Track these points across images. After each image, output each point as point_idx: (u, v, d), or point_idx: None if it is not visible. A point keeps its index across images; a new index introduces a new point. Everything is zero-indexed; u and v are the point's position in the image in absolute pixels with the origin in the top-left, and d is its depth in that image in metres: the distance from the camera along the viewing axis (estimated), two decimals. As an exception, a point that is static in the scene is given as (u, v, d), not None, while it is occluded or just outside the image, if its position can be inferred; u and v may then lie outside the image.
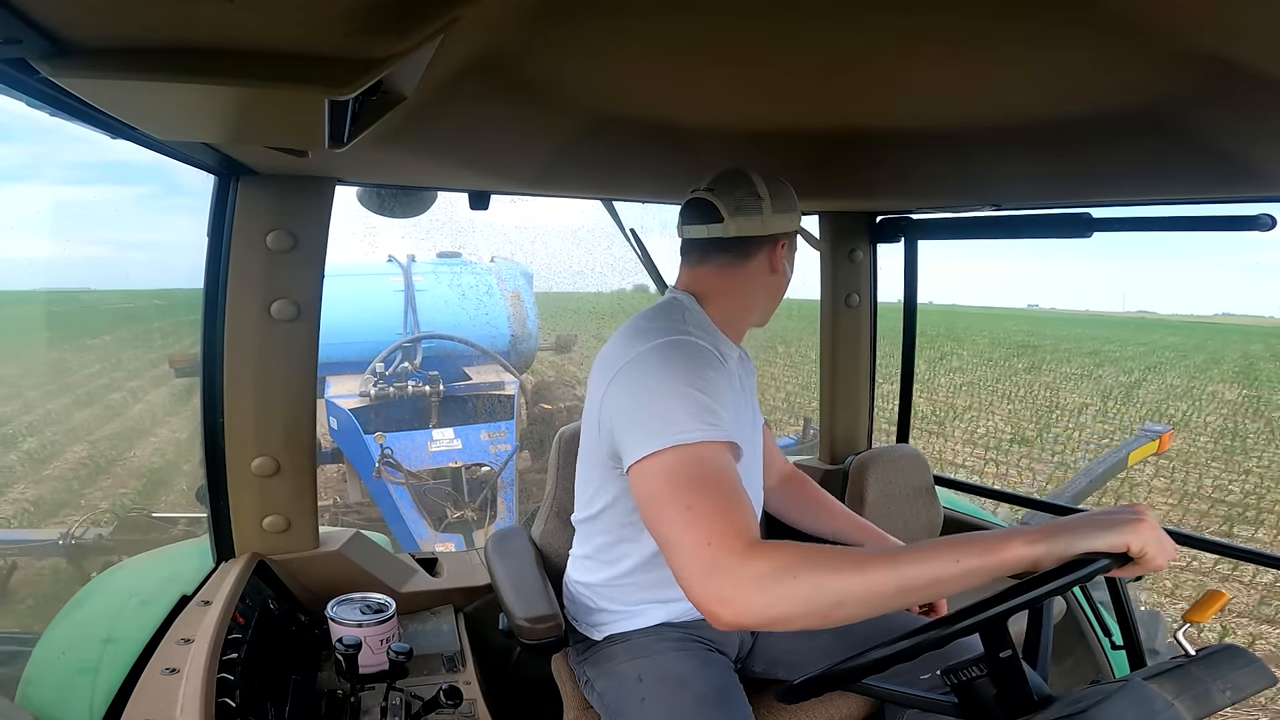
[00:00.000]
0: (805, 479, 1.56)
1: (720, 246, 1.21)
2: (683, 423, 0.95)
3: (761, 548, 0.83)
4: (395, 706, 1.21)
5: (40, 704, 1.19)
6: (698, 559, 0.84)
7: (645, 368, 1.05)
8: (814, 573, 0.80)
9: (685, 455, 0.93)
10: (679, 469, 0.92)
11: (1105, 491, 6.66)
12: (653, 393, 1.01)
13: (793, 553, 0.82)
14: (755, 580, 0.80)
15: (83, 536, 4.10)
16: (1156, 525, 0.80)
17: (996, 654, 0.85)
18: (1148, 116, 0.95)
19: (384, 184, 1.52)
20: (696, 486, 0.90)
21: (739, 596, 0.81)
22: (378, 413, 5.32)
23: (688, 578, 0.85)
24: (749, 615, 0.81)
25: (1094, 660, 1.87)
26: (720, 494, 0.89)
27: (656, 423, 0.97)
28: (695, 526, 0.86)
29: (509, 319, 7.02)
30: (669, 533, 0.89)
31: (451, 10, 0.57)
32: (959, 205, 1.80)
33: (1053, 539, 0.79)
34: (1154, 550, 0.78)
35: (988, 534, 0.82)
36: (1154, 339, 39.83)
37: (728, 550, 0.83)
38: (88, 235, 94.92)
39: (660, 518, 0.91)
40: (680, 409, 0.97)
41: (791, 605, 0.79)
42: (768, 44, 0.78)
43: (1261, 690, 0.81)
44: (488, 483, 4.97)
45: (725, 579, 0.82)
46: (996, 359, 23.07)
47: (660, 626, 1.28)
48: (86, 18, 0.52)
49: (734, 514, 0.87)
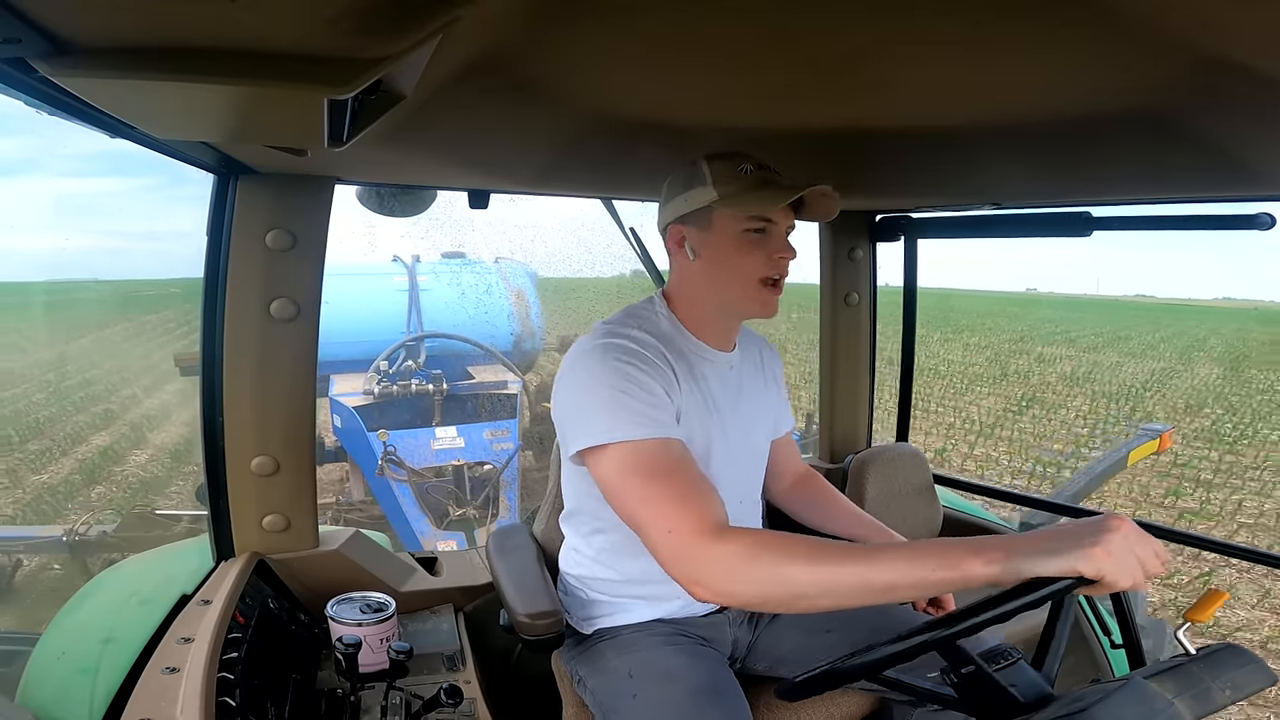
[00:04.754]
0: (817, 477, 1.56)
1: (665, 241, 1.26)
2: (609, 422, 1.02)
3: (724, 532, 0.90)
4: (395, 706, 1.21)
5: (40, 703, 1.19)
6: (664, 545, 0.92)
7: (582, 367, 1.11)
8: (772, 560, 0.85)
9: (623, 451, 1.00)
10: (623, 464, 1.00)
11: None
12: (585, 391, 1.08)
13: (754, 539, 0.88)
14: (717, 563, 0.87)
15: (86, 533, 4.11)
16: (1128, 542, 0.76)
17: (957, 669, 0.87)
18: (1148, 116, 0.95)
19: (383, 183, 1.52)
20: (643, 479, 0.98)
21: (705, 577, 0.88)
22: (381, 411, 5.34)
23: (661, 560, 0.93)
24: (721, 594, 0.89)
25: (1094, 660, 1.87)
26: (668, 484, 0.96)
27: (588, 420, 1.04)
28: (655, 516, 0.94)
29: (513, 318, 7.05)
30: (635, 522, 0.97)
31: (450, 10, 0.57)
32: (958, 204, 1.81)
33: (1009, 559, 0.78)
34: (1113, 574, 0.74)
35: (954, 544, 0.81)
36: (1184, 327, 38.96)
37: (688, 536, 0.90)
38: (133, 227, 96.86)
39: (623, 510, 1.00)
40: (606, 410, 1.03)
41: (753, 588, 0.86)
42: (768, 44, 0.78)
43: (1262, 689, 0.81)
44: (490, 481, 4.98)
45: (690, 563, 0.90)
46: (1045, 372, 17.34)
47: (651, 623, 1.29)
48: (86, 17, 0.52)
49: (689, 501, 0.93)
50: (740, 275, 1.17)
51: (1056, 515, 2.89)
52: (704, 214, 1.17)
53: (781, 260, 1.17)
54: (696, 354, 1.23)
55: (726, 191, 1.13)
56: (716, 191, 1.14)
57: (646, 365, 1.10)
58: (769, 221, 1.15)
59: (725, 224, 1.16)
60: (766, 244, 1.16)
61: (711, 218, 1.16)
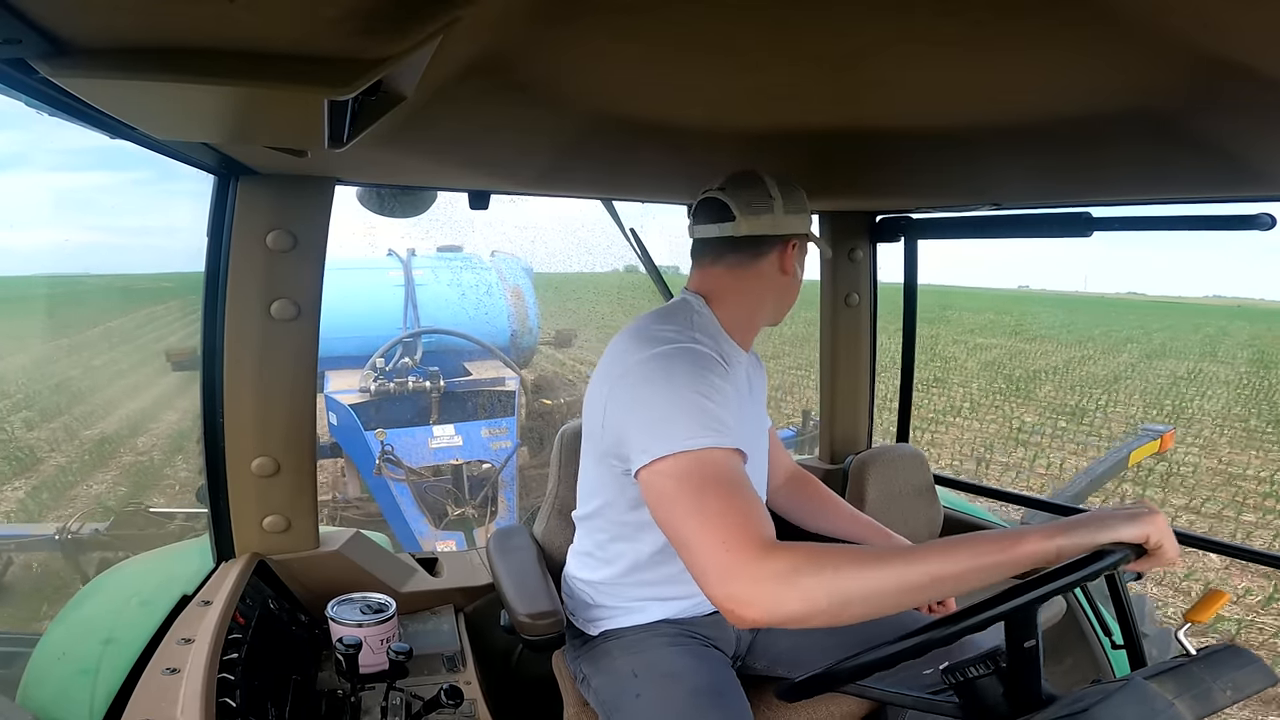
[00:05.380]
0: (810, 478, 1.57)
1: (731, 246, 1.22)
2: (688, 429, 0.96)
3: (777, 548, 0.85)
4: (395, 706, 1.21)
5: (41, 704, 1.19)
6: (715, 561, 0.86)
7: (650, 373, 1.06)
8: (830, 570, 0.82)
9: (693, 460, 0.94)
10: (688, 474, 0.94)
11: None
12: (658, 399, 1.03)
13: (808, 552, 0.85)
14: (772, 579, 0.83)
15: (79, 531, 4.09)
16: (1162, 520, 0.82)
17: (1020, 644, 0.85)
18: (1148, 117, 0.95)
19: (384, 184, 1.52)
20: (707, 491, 0.92)
21: (758, 596, 0.83)
22: (378, 409, 5.27)
23: (707, 580, 0.87)
24: (767, 613, 0.83)
25: (1094, 660, 1.87)
26: (732, 497, 0.91)
27: (663, 428, 0.98)
28: (710, 530, 0.87)
29: (509, 315, 6.98)
30: (684, 536, 0.90)
31: (451, 11, 0.57)
32: (959, 205, 1.80)
33: (1069, 533, 0.80)
34: (1169, 543, 0.81)
35: (1001, 531, 0.83)
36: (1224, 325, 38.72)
37: (743, 552, 0.85)
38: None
39: (673, 521, 0.93)
40: (685, 415, 0.98)
41: (809, 603, 0.82)
42: (768, 44, 0.78)
43: (1262, 689, 0.81)
44: (488, 480, 4.95)
45: (743, 580, 0.84)
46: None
47: (657, 623, 1.29)
48: (86, 18, 0.52)
49: (747, 516, 0.88)
50: (796, 293, 1.33)
51: (1057, 516, 2.89)
52: (804, 238, 1.28)
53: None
54: (733, 356, 1.24)
55: (808, 221, 1.28)
56: (805, 221, 1.27)
57: (719, 370, 1.07)
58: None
59: (806, 247, 1.30)
60: None
61: (806, 243, 1.29)
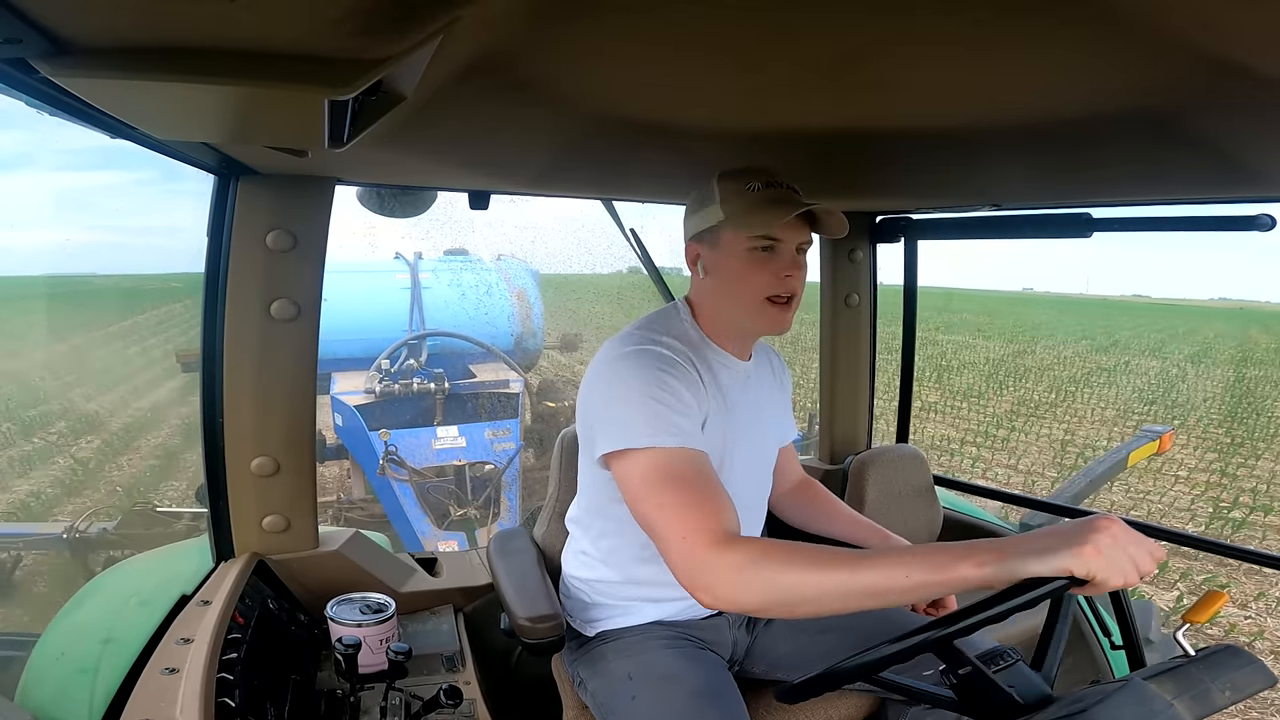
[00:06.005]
0: (814, 484, 1.58)
1: (689, 251, 1.26)
2: (640, 429, 1.03)
3: (734, 541, 0.92)
4: (395, 706, 1.21)
5: (40, 704, 1.19)
6: (676, 550, 0.94)
7: (616, 371, 1.12)
8: (777, 567, 0.87)
9: (650, 458, 1.02)
10: (647, 469, 1.01)
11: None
12: (616, 397, 1.10)
13: (760, 548, 0.90)
14: (726, 570, 0.89)
15: (86, 530, 4.11)
16: (1118, 541, 0.77)
17: (955, 670, 0.87)
18: (1148, 117, 0.94)
19: (384, 184, 1.52)
20: (665, 485, 0.99)
21: (714, 584, 0.90)
22: (382, 410, 5.31)
23: (672, 565, 0.95)
24: (724, 601, 0.91)
25: (1094, 660, 1.87)
26: (689, 492, 0.98)
27: (618, 426, 1.05)
28: (671, 522, 0.96)
29: (514, 317, 7.02)
30: (650, 526, 0.99)
31: (451, 11, 0.57)
32: (959, 205, 1.80)
33: (1001, 561, 0.78)
34: (1104, 573, 0.75)
35: (946, 548, 0.82)
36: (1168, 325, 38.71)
37: (700, 543, 0.92)
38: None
39: (640, 513, 1.01)
40: (639, 415, 1.05)
41: (758, 594, 0.88)
42: (768, 44, 0.78)
43: (1261, 690, 0.81)
44: (491, 481, 4.97)
45: (701, 569, 0.91)
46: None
47: (652, 625, 1.29)
48: (86, 17, 0.52)
49: (704, 510, 0.95)
50: (747, 294, 1.17)
51: (1056, 516, 2.89)
52: (714, 232, 1.18)
53: (788, 279, 1.16)
54: (720, 362, 1.24)
55: (731, 210, 1.14)
56: (723, 210, 1.15)
57: (680, 373, 1.11)
58: (775, 240, 1.15)
59: (731, 243, 1.16)
60: (772, 262, 1.15)
61: (720, 236, 1.17)
